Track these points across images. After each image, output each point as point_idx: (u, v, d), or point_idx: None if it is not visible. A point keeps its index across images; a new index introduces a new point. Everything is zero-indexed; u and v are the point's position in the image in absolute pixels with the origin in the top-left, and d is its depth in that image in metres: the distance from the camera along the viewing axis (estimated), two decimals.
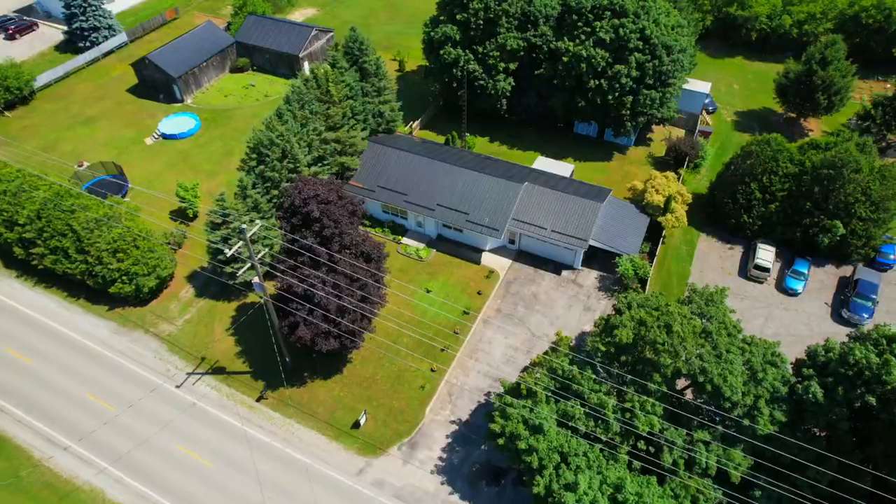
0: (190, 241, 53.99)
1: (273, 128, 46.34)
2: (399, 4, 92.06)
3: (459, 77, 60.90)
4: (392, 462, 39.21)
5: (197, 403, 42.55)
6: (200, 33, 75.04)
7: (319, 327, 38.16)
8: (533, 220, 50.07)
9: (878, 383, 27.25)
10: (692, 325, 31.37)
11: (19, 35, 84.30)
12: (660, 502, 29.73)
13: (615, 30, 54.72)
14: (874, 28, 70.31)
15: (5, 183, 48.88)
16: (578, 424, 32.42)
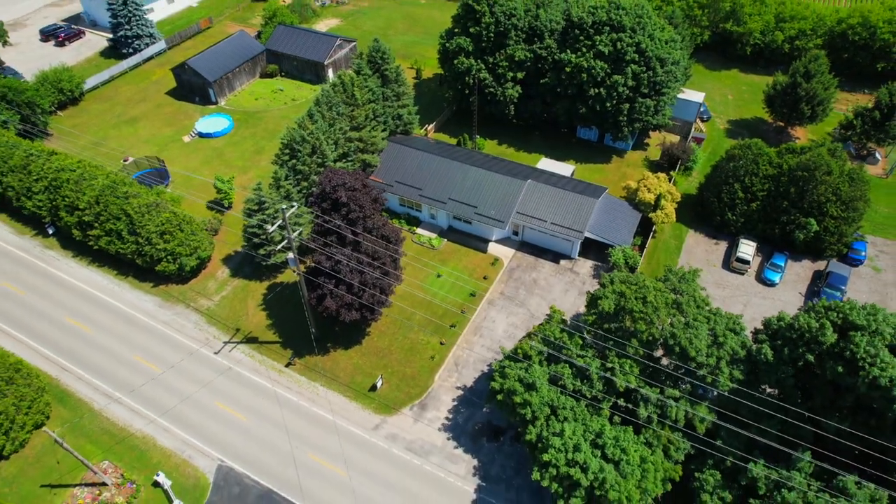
0: (225, 229, 59.99)
1: (304, 126, 52.30)
2: (416, 17, 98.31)
3: (471, 84, 66.66)
4: (404, 420, 44.57)
5: (233, 367, 48.23)
6: (234, 41, 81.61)
7: (344, 299, 43.76)
8: (535, 213, 55.45)
9: (815, 344, 32.16)
10: (665, 297, 36.54)
11: (68, 42, 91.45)
12: (634, 447, 34.79)
13: (613, 43, 60.21)
14: (860, 44, 75.18)
15: (68, 172, 55.19)
16: (567, 383, 37.61)
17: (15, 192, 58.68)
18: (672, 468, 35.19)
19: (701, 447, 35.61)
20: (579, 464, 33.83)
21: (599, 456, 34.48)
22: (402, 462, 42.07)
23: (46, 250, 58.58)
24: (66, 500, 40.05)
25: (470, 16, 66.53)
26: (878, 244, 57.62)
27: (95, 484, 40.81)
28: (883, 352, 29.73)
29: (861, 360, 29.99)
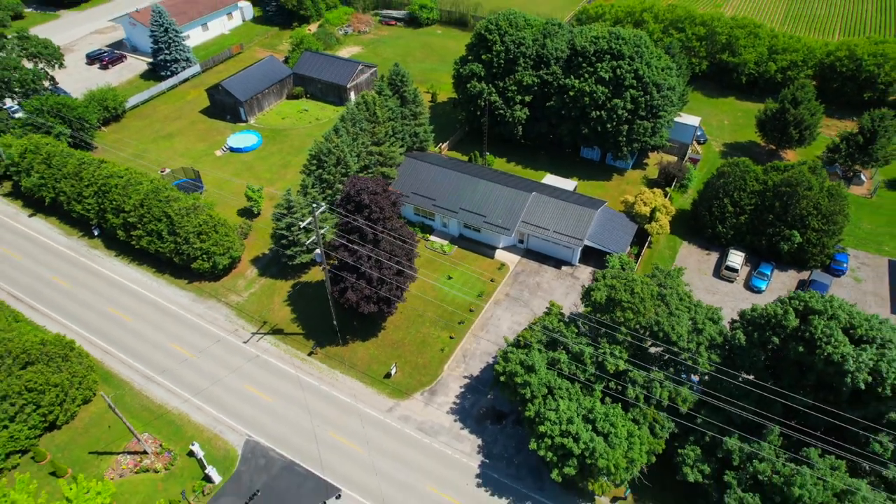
0: (254, 234, 65.30)
1: (331, 140, 57.89)
2: (433, 46, 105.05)
3: (482, 106, 72.32)
4: (415, 404, 48.79)
5: (259, 355, 52.87)
6: (264, 65, 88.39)
7: (364, 292, 48.52)
8: (539, 222, 60.23)
9: (780, 328, 36.22)
10: (650, 289, 40.89)
11: (111, 65, 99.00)
12: (623, 422, 38.78)
13: (613, 70, 65.71)
14: (847, 75, 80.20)
15: (116, 178, 61.04)
16: (563, 367, 41.85)
17: (66, 197, 64.58)
18: (656, 442, 39.08)
19: (684, 422, 39.52)
20: (572, 434, 37.87)
21: (590, 429, 38.49)
22: (413, 440, 46.18)
23: (92, 249, 64.16)
24: (111, 465, 44.51)
25: (482, 44, 72.57)
26: (860, 257, 61.60)
27: (137, 452, 45.28)
28: (837, 332, 33.80)
29: (818, 339, 34.07)
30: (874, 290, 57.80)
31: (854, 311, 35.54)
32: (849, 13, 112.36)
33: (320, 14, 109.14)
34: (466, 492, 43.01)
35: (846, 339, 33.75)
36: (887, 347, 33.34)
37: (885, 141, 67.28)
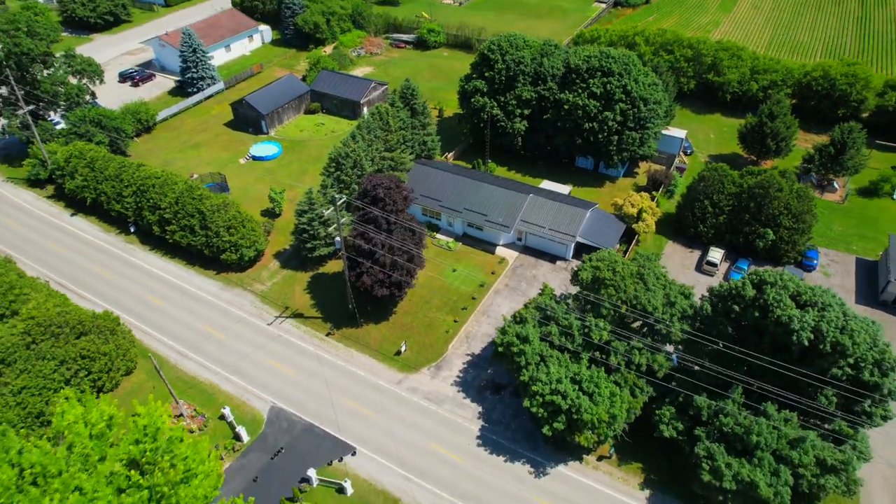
0: (275, 231, 71.46)
1: (348, 145, 64.45)
2: (440, 66, 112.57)
3: (485, 119, 79.01)
4: (423, 377, 54.24)
5: (282, 335, 58.58)
6: (284, 82, 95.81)
7: (377, 276, 54.41)
8: (535, 221, 66.23)
9: (739, 298, 41.76)
10: (630, 269, 46.62)
11: (142, 83, 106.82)
12: (606, 384, 44.15)
13: (604, 85, 72.40)
14: (823, 94, 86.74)
15: (154, 179, 67.64)
16: (554, 339, 47.40)
17: (107, 197, 71.10)
18: (635, 402, 44.37)
19: (662, 382, 44.86)
20: (560, 393, 43.26)
21: (577, 389, 43.89)
22: (421, 407, 51.53)
23: (128, 244, 70.48)
24: None
25: (485, 63, 79.63)
26: (830, 255, 67.18)
27: (175, 416, 50.76)
28: (785, 298, 39.33)
29: (770, 305, 39.59)
30: (841, 283, 63.26)
31: (800, 281, 41.16)
32: (829, 39, 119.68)
33: (335, 37, 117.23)
34: (468, 450, 48.21)
35: (793, 304, 39.30)
36: (826, 310, 38.83)
37: (854, 151, 73.34)
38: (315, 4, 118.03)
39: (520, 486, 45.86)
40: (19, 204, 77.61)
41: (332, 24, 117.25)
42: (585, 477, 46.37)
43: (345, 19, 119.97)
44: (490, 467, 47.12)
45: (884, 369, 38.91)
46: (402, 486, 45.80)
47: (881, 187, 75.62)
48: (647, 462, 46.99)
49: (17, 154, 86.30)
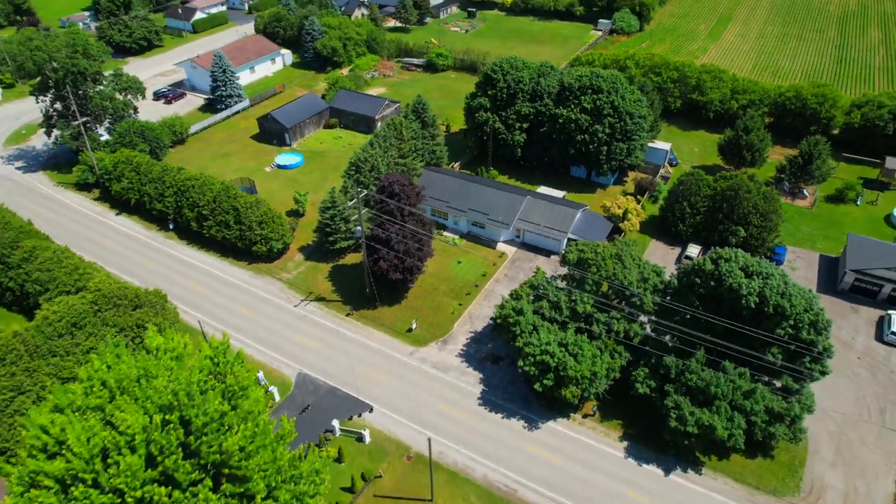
0: (300, 229, 79.71)
1: (367, 151, 73.08)
2: (447, 87, 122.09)
3: (488, 132, 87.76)
4: (431, 350, 61.74)
5: (307, 316, 66.36)
6: (305, 100, 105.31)
7: (392, 262, 62.37)
8: (532, 220, 74.30)
9: (700, 272, 49.39)
10: (610, 250, 54.42)
11: (174, 101, 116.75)
12: (588, 347, 51.58)
13: (594, 102, 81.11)
14: (795, 112, 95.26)
15: (193, 180, 76.35)
16: (545, 311, 54.99)
17: (150, 197, 79.75)
18: (614, 362, 51.72)
19: (638, 347, 52.30)
20: (549, 353, 50.71)
21: (563, 351, 51.30)
22: (429, 374, 58.96)
23: (167, 239, 78.92)
24: None
25: (488, 82, 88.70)
26: (798, 252, 74.71)
27: None
28: (735, 269, 46.93)
29: (724, 275, 47.21)
30: (805, 275, 70.72)
31: (748, 256, 48.85)
32: (809, 65, 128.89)
33: (351, 60, 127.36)
34: (470, 409, 55.50)
35: (742, 274, 46.88)
36: (769, 279, 46.39)
37: (820, 162, 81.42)
38: (333, 31, 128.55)
39: (516, 438, 53.00)
40: (69, 205, 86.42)
41: (348, 48, 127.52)
42: (572, 431, 53.48)
43: (360, 44, 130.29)
44: (490, 423, 54.34)
45: (818, 328, 46.33)
46: (413, 437, 53.04)
47: (846, 194, 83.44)
48: (625, 419, 54.06)
49: (65, 162, 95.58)
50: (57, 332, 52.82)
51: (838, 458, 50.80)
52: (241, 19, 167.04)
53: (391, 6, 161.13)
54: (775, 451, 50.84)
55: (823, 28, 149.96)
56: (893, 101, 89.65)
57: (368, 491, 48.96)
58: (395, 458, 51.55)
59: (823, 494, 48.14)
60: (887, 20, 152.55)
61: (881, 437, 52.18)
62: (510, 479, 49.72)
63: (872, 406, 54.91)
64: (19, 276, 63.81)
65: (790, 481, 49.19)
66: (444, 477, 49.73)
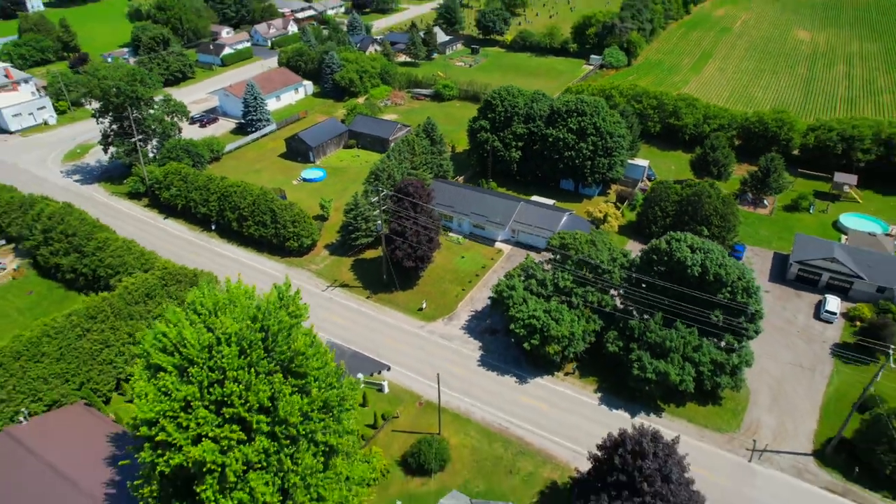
0: (325, 231, 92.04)
1: (384, 162, 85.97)
2: (452, 114, 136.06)
3: (488, 150, 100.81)
4: (439, 325, 73.17)
5: (333, 298, 78.08)
6: (327, 123, 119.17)
7: (406, 251, 74.39)
8: (525, 221, 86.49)
9: (658, 251, 61.15)
10: (585, 236, 66.37)
11: (207, 125, 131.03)
12: (568, 314, 63.02)
13: (579, 123, 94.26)
14: (759, 134, 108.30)
15: (235, 187, 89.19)
16: (533, 287, 66.62)
17: (195, 203, 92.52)
18: (588, 326, 63.07)
19: (610, 312, 63.73)
20: (535, 317, 62.16)
21: (547, 316, 62.74)
22: (437, 343, 70.29)
23: (210, 238, 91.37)
24: None
25: (489, 107, 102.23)
26: (755, 251, 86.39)
27: None
28: (683, 246, 58.70)
29: (674, 251, 59.02)
30: (760, 268, 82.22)
31: (693, 237, 60.73)
32: (779, 96, 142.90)
33: (366, 90, 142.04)
34: (471, 369, 66.67)
35: (688, 250, 58.70)
36: (709, 253, 58.09)
37: (777, 175, 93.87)
38: (350, 64, 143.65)
39: (508, 390, 64.02)
40: (123, 211, 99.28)
41: (364, 79, 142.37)
42: (555, 385, 64.50)
43: (374, 76, 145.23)
44: (487, 379, 65.46)
45: (750, 293, 57.88)
46: (424, 389, 64.12)
47: (801, 204, 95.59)
48: (599, 376, 65.03)
49: (117, 176, 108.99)
50: (134, 300, 64.71)
51: (774, 404, 61.62)
52: (264, 54, 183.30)
53: (402, 43, 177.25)
54: (722, 399, 61.75)
55: (794, 65, 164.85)
56: (841, 126, 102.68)
57: (387, 427, 59.90)
58: (409, 404, 62.64)
59: (759, 430, 58.83)
60: (852, 58, 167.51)
61: (809, 390, 63.03)
62: (503, 419, 60.65)
63: (805, 367, 65.87)
64: (93, 263, 76.01)
65: (733, 421, 59.97)
66: (449, 418, 60.68)
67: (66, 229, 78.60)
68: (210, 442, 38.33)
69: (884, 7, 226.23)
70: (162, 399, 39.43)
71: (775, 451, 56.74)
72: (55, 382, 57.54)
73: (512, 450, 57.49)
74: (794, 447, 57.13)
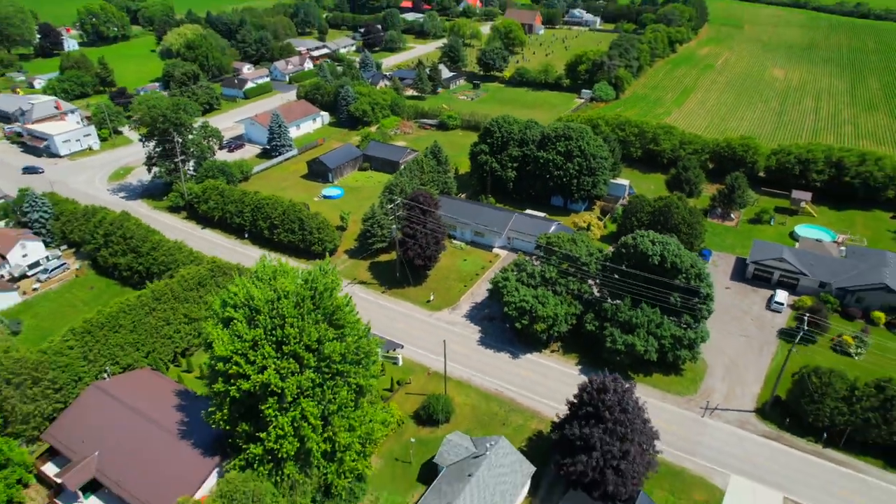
0: (344, 239, 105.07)
1: (398, 178, 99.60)
2: (456, 142, 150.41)
3: (487, 170, 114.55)
4: (444, 313, 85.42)
5: (354, 293, 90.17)
6: (344, 148, 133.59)
7: (417, 251, 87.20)
8: (518, 230, 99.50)
9: (627, 245, 73.81)
10: (567, 236, 79.19)
11: (235, 150, 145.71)
12: (552, 299, 75.30)
13: (566, 146, 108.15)
14: (728, 157, 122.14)
15: (267, 199, 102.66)
16: (523, 278, 79.12)
17: (231, 214, 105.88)
18: (569, 309, 75.26)
19: (587, 299, 76.04)
20: (525, 301, 74.46)
21: (535, 300, 75.05)
22: (443, 327, 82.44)
23: (244, 245, 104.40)
24: None
25: (488, 133, 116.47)
26: (721, 255, 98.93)
27: None
28: (646, 240, 71.38)
29: (639, 245, 71.70)
30: (724, 269, 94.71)
31: (656, 234, 73.50)
32: (752, 126, 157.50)
33: (378, 120, 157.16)
34: (472, 347, 78.67)
35: (650, 243, 71.35)
36: (667, 246, 70.71)
37: (741, 192, 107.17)
38: (363, 97, 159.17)
39: (503, 363, 75.88)
40: (165, 222, 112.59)
41: (375, 111, 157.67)
42: (543, 360, 76.33)
43: (385, 108, 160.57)
44: (485, 355, 77.40)
45: (701, 278, 70.35)
46: (432, 363, 76.00)
47: (763, 217, 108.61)
48: (580, 353, 76.87)
49: (157, 193, 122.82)
50: (189, 287, 77.31)
51: (726, 375, 73.32)
52: (283, 88, 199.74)
53: (409, 78, 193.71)
54: (683, 371, 73.52)
55: (768, 99, 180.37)
56: (799, 150, 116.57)
57: (402, 391, 71.65)
58: (419, 374, 74.54)
59: (712, 394, 70.44)
60: (821, 94, 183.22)
61: (756, 365, 74.78)
62: (498, 384, 72.46)
63: (755, 347, 77.74)
64: (147, 261, 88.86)
65: (691, 388, 71.60)
66: (452, 384, 72.46)
67: (124, 233, 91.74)
68: (273, 371, 50.55)
69: (855, 47, 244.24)
70: (234, 341, 51.82)
71: (724, 409, 68.30)
72: (129, 350, 69.80)
73: (505, 408, 69.18)
74: (739, 406, 68.68)
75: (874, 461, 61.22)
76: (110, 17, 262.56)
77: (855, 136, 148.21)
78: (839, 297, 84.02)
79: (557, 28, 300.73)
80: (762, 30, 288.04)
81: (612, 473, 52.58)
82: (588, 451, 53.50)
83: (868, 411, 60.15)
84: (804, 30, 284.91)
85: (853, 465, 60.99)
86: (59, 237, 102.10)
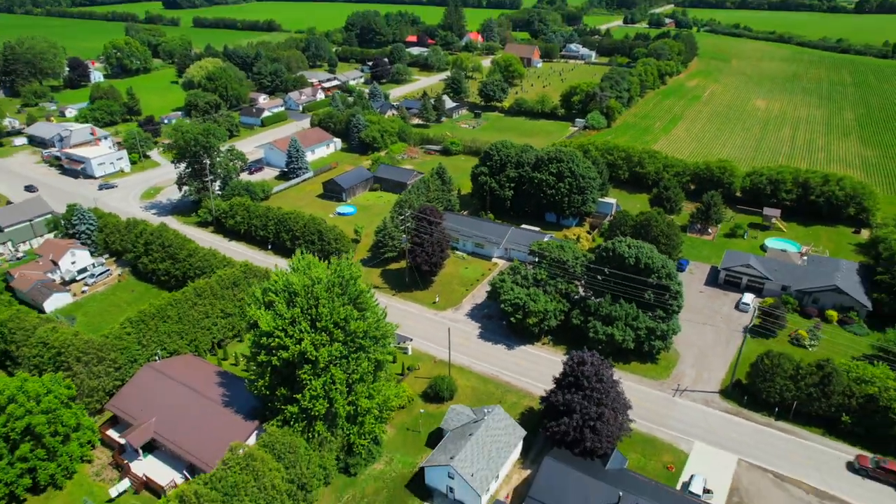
0: (358, 249, 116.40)
1: (406, 195, 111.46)
2: (458, 166, 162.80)
3: (486, 189, 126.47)
4: (448, 313, 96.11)
5: None
6: (356, 171, 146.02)
7: (424, 258, 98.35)
8: (514, 241, 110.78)
9: (607, 249, 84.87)
10: (555, 244, 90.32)
11: (255, 172, 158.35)
12: (543, 297, 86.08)
13: (558, 168, 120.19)
14: (707, 178, 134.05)
15: (289, 214, 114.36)
16: (518, 280, 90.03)
17: (256, 227, 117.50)
18: (558, 306, 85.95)
19: (574, 298, 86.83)
20: (519, 298, 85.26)
21: (527, 298, 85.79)
22: (447, 324, 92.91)
23: (268, 255, 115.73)
24: None
25: (487, 157, 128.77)
26: (698, 265, 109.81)
27: None
28: (623, 245, 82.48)
29: (616, 248, 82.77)
30: (699, 276, 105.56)
31: (631, 239, 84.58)
32: (733, 150, 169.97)
33: (387, 146, 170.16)
34: (472, 340, 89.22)
35: (626, 247, 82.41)
36: (640, 249, 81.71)
37: (716, 209, 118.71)
38: (373, 125, 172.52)
39: (499, 353, 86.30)
40: (195, 236, 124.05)
41: (384, 137, 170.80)
42: (535, 351, 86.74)
43: (393, 135, 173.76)
44: (483, 347, 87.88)
45: (671, 277, 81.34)
46: (438, 352, 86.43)
47: (737, 231, 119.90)
48: (567, 345, 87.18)
49: (186, 210, 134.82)
50: (225, 285, 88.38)
51: (696, 363, 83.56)
52: (297, 117, 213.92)
53: (415, 108, 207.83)
54: (658, 360, 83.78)
55: (750, 127, 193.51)
56: (770, 172, 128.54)
57: (411, 375, 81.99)
58: (426, 361, 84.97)
59: (682, 378, 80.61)
60: (799, 123, 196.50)
61: (723, 355, 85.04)
62: (495, 370, 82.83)
63: (722, 340, 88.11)
64: (184, 266, 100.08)
65: (665, 373, 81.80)
66: (455, 369, 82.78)
67: (164, 242, 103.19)
68: (309, 342, 61.30)
69: (834, 80, 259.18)
70: (276, 319, 62.72)
71: (692, 390, 78.44)
72: (174, 338, 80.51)
73: (501, 389, 79.45)
74: (705, 388, 78.85)
75: (816, 430, 71.14)
76: (134, 52, 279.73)
77: (826, 162, 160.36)
78: (798, 299, 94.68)
79: (555, 61, 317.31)
80: (748, 63, 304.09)
81: (589, 432, 62.66)
82: (570, 414, 63.69)
83: (811, 387, 70.32)
84: (787, 63, 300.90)
85: (799, 434, 70.88)
86: (103, 247, 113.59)
